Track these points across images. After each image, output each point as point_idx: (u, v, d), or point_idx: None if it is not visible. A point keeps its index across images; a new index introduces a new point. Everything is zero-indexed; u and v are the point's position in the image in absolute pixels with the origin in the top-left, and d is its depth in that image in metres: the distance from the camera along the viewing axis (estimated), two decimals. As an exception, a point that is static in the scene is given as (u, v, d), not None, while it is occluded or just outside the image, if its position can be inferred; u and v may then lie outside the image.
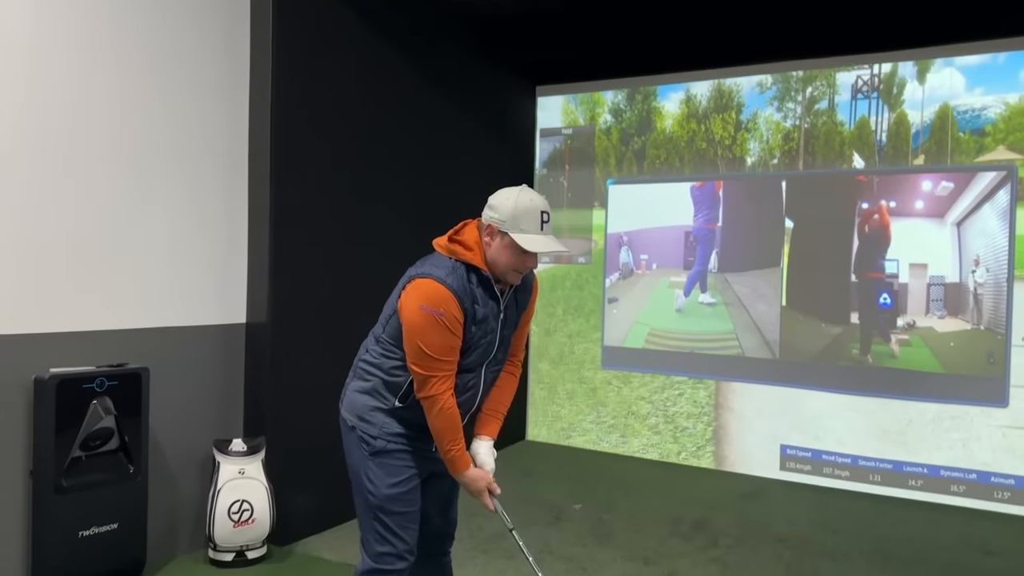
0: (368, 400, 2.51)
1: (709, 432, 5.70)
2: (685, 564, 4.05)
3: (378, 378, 2.50)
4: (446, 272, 2.36)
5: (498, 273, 2.43)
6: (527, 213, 2.37)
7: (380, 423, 2.48)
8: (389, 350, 2.47)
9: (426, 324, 2.32)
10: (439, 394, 2.37)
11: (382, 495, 2.47)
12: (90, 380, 3.45)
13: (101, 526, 3.49)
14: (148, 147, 3.81)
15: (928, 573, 3.93)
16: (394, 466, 2.48)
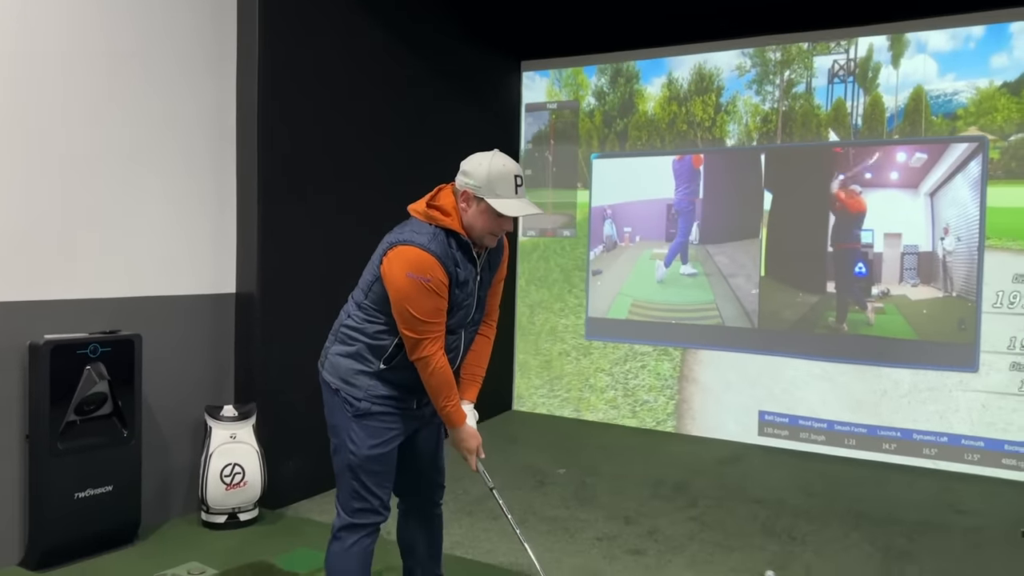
0: (352, 364, 2.59)
1: (671, 406, 5.84)
2: (665, 523, 4.19)
3: (362, 342, 2.57)
4: (428, 239, 2.43)
5: (475, 237, 2.51)
6: (501, 178, 2.44)
7: (365, 386, 2.56)
8: (372, 315, 2.55)
9: (414, 290, 2.40)
10: (431, 355, 2.46)
11: (363, 455, 2.55)
12: (84, 346, 3.54)
13: (96, 488, 3.59)
14: (139, 120, 3.87)
15: (900, 531, 4.07)
16: (377, 428, 2.57)
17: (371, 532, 2.61)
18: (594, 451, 5.49)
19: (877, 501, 4.51)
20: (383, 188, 4.95)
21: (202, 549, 3.74)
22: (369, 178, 4.91)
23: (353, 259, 3.86)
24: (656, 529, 4.10)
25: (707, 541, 3.95)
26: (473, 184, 2.44)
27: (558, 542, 3.91)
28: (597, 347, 6.27)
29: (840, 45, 5.38)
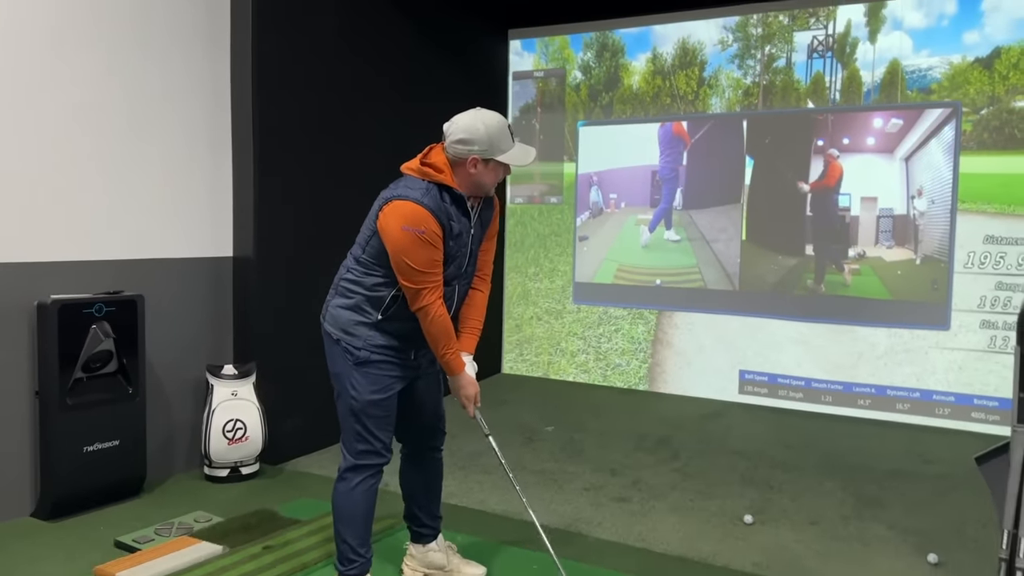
0: (352, 315, 2.74)
1: (644, 369, 6.03)
2: (648, 474, 4.38)
3: (361, 295, 2.73)
4: (421, 193, 2.58)
5: (483, 192, 2.68)
6: (500, 133, 2.61)
7: (364, 336, 2.72)
8: (371, 268, 2.70)
9: (409, 243, 2.55)
10: (430, 304, 2.61)
11: (364, 400, 2.71)
12: (89, 306, 3.67)
13: (104, 443, 3.74)
14: (138, 87, 3.99)
15: (872, 479, 4.29)
16: (376, 375, 2.72)
17: (375, 473, 2.77)
18: (582, 410, 5.68)
19: (850, 453, 4.72)
20: (375, 152, 5.06)
21: (206, 500, 3.91)
22: (361, 143, 5.02)
23: (346, 221, 3.99)
24: (640, 479, 4.30)
25: (689, 489, 4.15)
26: (478, 149, 2.58)
27: (547, 492, 4.10)
28: (570, 311, 6.45)
29: (819, 21, 5.51)
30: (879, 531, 3.62)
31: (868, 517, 3.78)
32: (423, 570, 3.09)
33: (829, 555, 3.38)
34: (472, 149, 2.58)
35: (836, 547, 3.46)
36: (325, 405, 4.70)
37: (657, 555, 3.38)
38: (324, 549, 3.29)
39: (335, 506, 2.78)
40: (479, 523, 3.65)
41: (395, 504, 3.18)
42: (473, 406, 2.84)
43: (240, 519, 3.60)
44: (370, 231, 2.69)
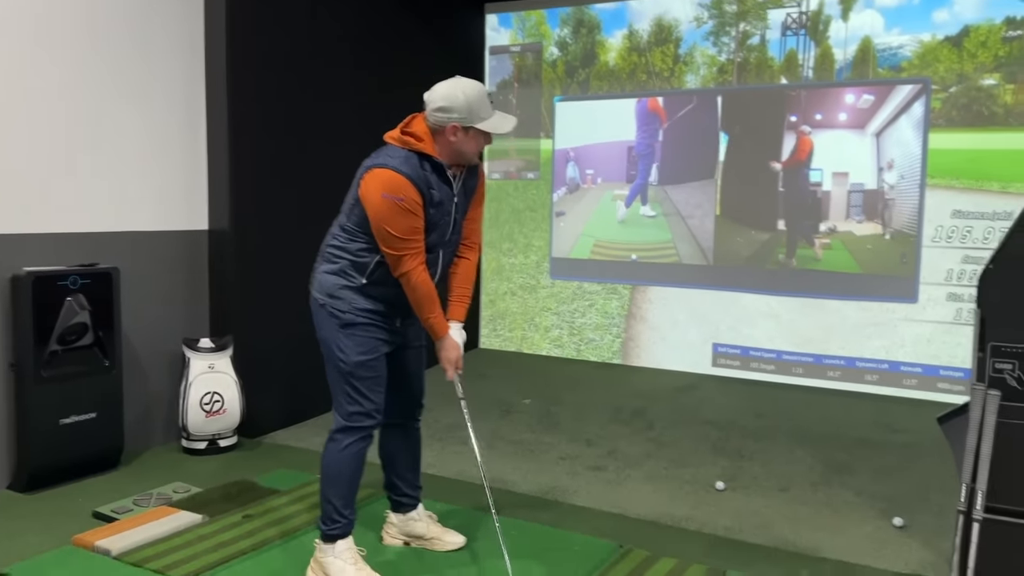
0: (337, 280, 2.77)
1: (617, 344, 6.11)
2: (623, 444, 4.46)
3: (346, 259, 2.76)
4: (400, 161, 2.61)
5: (465, 160, 2.71)
6: (479, 101, 2.64)
7: (349, 299, 2.75)
8: (355, 235, 2.73)
9: (388, 210, 2.57)
10: (412, 270, 2.64)
11: (352, 362, 2.75)
12: (64, 278, 3.65)
13: (80, 415, 3.74)
14: (115, 60, 3.94)
15: (840, 447, 4.39)
16: (362, 337, 2.76)
17: (365, 436, 2.82)
18: (557, 383, 5.74)
19: (820, 422, 4.83)
20: (352, 126, 5.06)
21: (185, 472, 3.93)
22: (338, 116, 5.01)
23: (323, 194, 3.99)
24: (616, 449, 4.37)
25: (663, 458, 4.23)
26: (457, 116, 2.61)
27: (524, 462, 4.16)
28: (544, 286, 6.50)
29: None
30: (847, 497, 3.72)
31: (836, 483, 3.88)
32: (403, 538, 3.14)
33: (799, 519, 3.47)
34: (452, 117, 2.61)
35: (806, 512, 3.55)
36: (303, 379, 4.74)
37: (632, 520, 3.45)
38: (304, 517, 3.32)
39: (323, 466, 2.82)
40: (457, 492, 3.70)
41: (374, 474, 3.22)
42: (453, 370, 2.87)
43: (219, 489, 3.62)
44: (353, 199, 2.71)
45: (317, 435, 4.55)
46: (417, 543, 3.12)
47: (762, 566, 3.02)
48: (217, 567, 2.88)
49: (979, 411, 1.73)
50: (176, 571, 2.83)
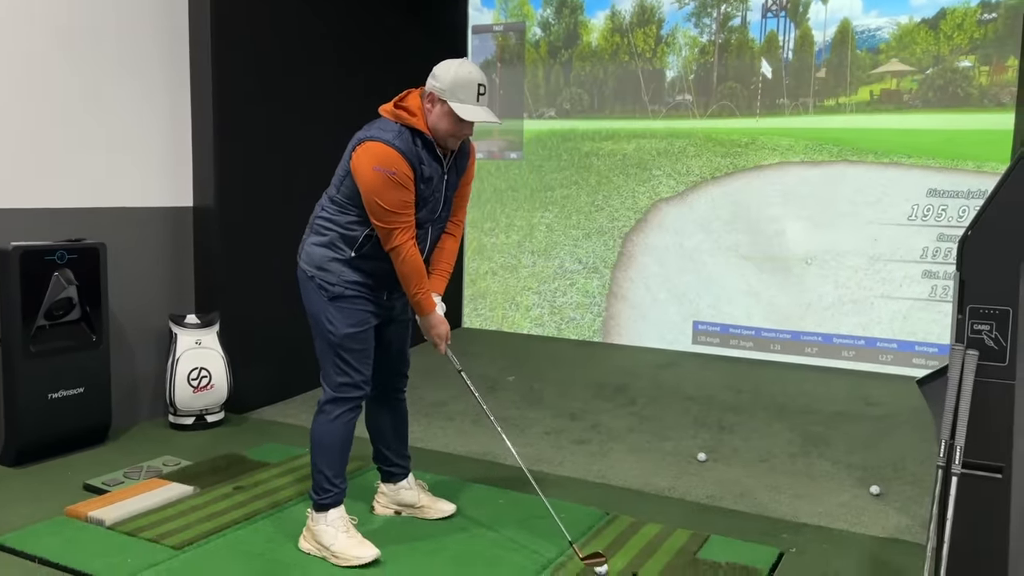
0: (326, 252, 2.80)
1: (598, 323, 6.19)
2: (607, 418, 4.53)
3: (335, 232, 2.78)
4: (393, 135, 2.63)
5: (438, 139, 2.70)
6: (466, 84, 2.64)
7: (337, 272, 2.78)
8: (345, 207, 2.75)
9: (380, 183, 2.60)
10: (402, 244, 2.67)
11: (340, 334, 2.79)
12: (51, 253, 3.65)
13: (68, 389, 3.74)
14: (99, 36, 3.92)
15: (817, 420, 4.50)
16: (351, 310, 2.80)
17: (353, 408, 2.85)
18: (540, 361, 5.81)
19: (798, 397, 4.94)
20: (337, 100, 5.06)
21: (173, 446, 3.95)
22: (322, 93, 5.00)
23: (308, 170, 4.01)
24: (599, 423, 4.44)
25: (645, 431, 4.31)
26: (439, 87, 2.63)
27: (510, 436, 4.17)
28: (526, 266, 6.55)
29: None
30: (825, 467, 3.82)
31: (815, 455, 3.98)
32: (394, 507, 3.19)
33: (779, 488, 3.56)
34: (435, 85, 2.65)
35: (785, 481, 3.64)
36: (290, 355, 4.76)
37: (616, 489, 3.53)
38: (295, 489, 3.37)
39: (313, 437, 2.85)
40: (445, 464, 3.76)
41: (362, 447, 3.27)
42: (444, 344, 2.92)
43: (209, 462, 3.65)
44: (344, 171, 2.73)
45: (304, 411, 4.59)
46: (408, 512, 3.17)
47: (743, 531, 3.11)
48: (211, 536, 2.92)
49: (958, 370, 1.81)
50: (170, 540, 2.87)
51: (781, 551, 2.93)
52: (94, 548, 2.81)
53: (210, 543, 2.87)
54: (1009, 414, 1.85)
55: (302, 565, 2.73)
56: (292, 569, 2.70)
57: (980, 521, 1.93)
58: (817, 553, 2.94)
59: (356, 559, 2.75)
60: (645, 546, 2.90)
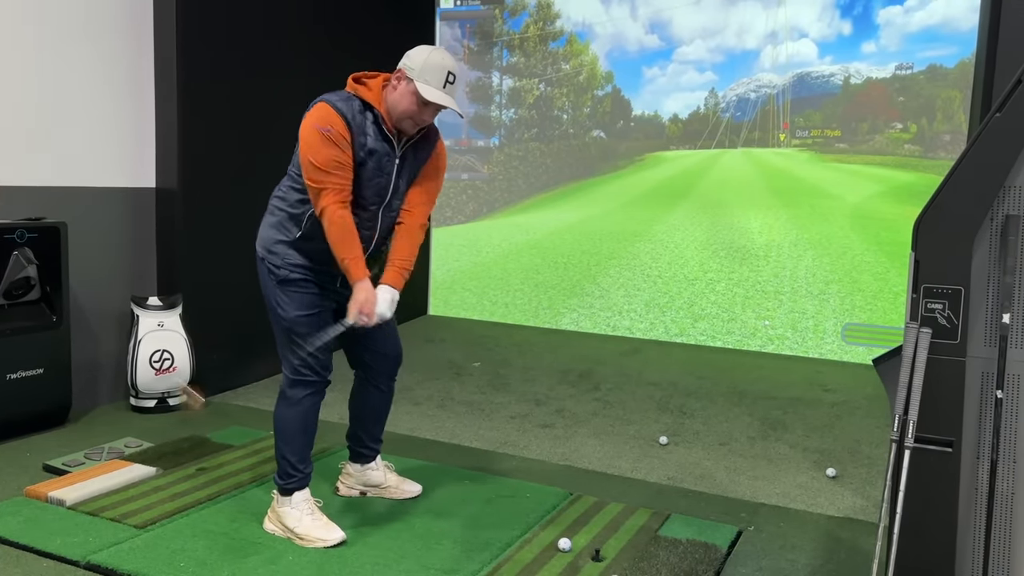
0: (274, 233, 2.78)
1: (564, 311, 6.26)
2: (571, 403, 4.59)
3: (284, 212, 2.77)
4: (339, 99, 2.64)
5: (395, 118, 2.67)
6: (436, 68, 2.64)
7: (283, 254, 2.76)
8: (295, 181, 2.73)
9: (315, 139, 2.58)
10: (328, 205, 2.61)
11: (290, 318, 2.76)
12: (11, 231, 3.59)
13: (27, 371, 3.69)
14: (59, 12, 3.85)
15: (776, 405, 4.59)
16: (298, 294, 2.77)
17: (314, 392, 2.83)
18: (506, 348, 5.84)
19: (757, 383, 5.03)
20: (304, 82, 4.99)
21: (135, 428, 3.92)
22: (288, 73, 4.95)
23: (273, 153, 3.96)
24: (563, 408, 4.49)
25: (609, 416, 4.37)
26: (409, 65, 2.64)
27: (476, 420, 4.25)
28: (492, 255, 6.58)
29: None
30: (783, 450, 3.91)
31: (773, 438, 4.07)
32: (359, 488, 3.20)
33: (738, 470, 3.64)
34: (406, 64, 2.66)
35: (744, 463, 3.72)
36: (253, 340, 4.73)
37: (580, 471, 3.58)
38: (258, 471, 3.36)
39: (276, 423, 2.84)
40: (411, 447, 3.78)
41: (331, 432, 3.28)
42: (356, 314, 2.68)
43: (172, 444, 3.63)
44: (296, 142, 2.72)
45: (268, 395, 4.57)
46: (373, 492, 3.18)
47: (703, 511, 3.17)
48: (174, 516, 2.91)
49: (912, 348, 1.88)
50: (132, 520, 2.85)
51: (740, 529, 3.01)
52: (54, 527, 2.78)
53: (173, 522, 2.85)
54: (960, 390, 1.93)
55: (267, 543, 2.73)
56: (257, 547, 2.70)
57: (931, 495, 2.01)
58: (774, 531, 3.02)
59: (321, 541, 2.75)
60: (608, 524, 2.96)
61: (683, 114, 5.94)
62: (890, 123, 5.39)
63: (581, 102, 6.27)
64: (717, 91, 5.81)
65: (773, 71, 5.63)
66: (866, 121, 5.44)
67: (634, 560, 2.69)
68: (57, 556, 2.61)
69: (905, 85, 5.31)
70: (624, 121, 6.16)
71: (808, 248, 5.65)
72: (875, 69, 5.37)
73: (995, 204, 1.90)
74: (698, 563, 2.67)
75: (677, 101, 5.95)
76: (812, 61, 5.51)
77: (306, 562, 2.61)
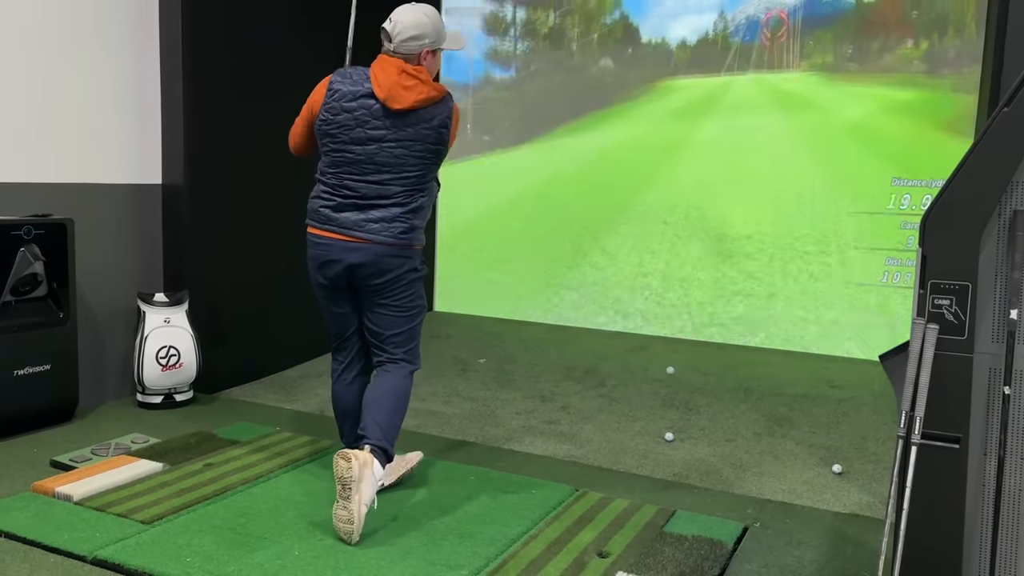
0: (421, 229, 2.98)
1: (569, 307, 6.25)
2: (577, 399, 4.58)
3: (428, 207, 3.00)
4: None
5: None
6: (440, 21, 2.84)
7: (422, 246, 3.00)
8: (430, 172, 2.98)
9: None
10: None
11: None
12: (17, 228, 3.60)
13: (34, 367, 3.70)
14: (65, 6, 3.86)
15: (782, 402, 4.59)
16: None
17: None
18: (512, 345, 5.84)
19: (763, 379, 5.02)
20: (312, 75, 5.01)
21: (141, 424, 3.93)
22: (296, 68, 4.94)
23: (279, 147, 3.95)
24: (569, 405, 4.49)
25: (614, 412, 4.37)
26: (428, 41, 2.80)
27: (480, 416, 4.26)
28: (497, 251, 6.57)
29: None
30: (789, 446, 3.91)
31: (779, 435, 4.07)
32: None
33: (744, 467, 3.63)
34: (424, 43, 2.73)
35: (750, 460, 3.72)
36: (259, 336, 4.75)
37: (586, 467, 3.58)
38: (265, 466, 3.36)
39: (400, 399, 2.98)
40: (416, 443, 3.77)
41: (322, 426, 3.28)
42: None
43: (178, 440, 3.64)
44: None
45: (274, 392, 4.58)
46: (389, 480, 3.15)
47: (709, 507, 3.17)
48: (181, 511, 2.91)
49: (919, 344, 1.87)
50: (138, 515, 2.86)
51: (746, 525, 3.00)
52: (61, 522, 2.79)
53: (180, 518, 2.86)
54: (967, 386, 1.92)
55: (274, 539, 2.74)
56: (263, 542, 2.71)
57: (938, 491, 2.00)
58: (780, 528, 3.02)
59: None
60: (613, 520, 2.95)
61: (691, 39, 5.86)
62: (902, 40, 5.34)
63: (591, 30, 6.17)
64: (726, 13, 5.75)
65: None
66: (877, 39, 5.40)
67: (639, 556, 2.68)
68: (64, 551, 2.62)
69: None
70: (633, 48, 6.06)
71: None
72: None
73: (1003, 199, 1.89)
74: (704, 559, 2.67)
75: (685, 25, 5.88)
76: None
77: (312, 557, 2.62)
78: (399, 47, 2.73)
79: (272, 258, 4.75)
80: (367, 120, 2.79)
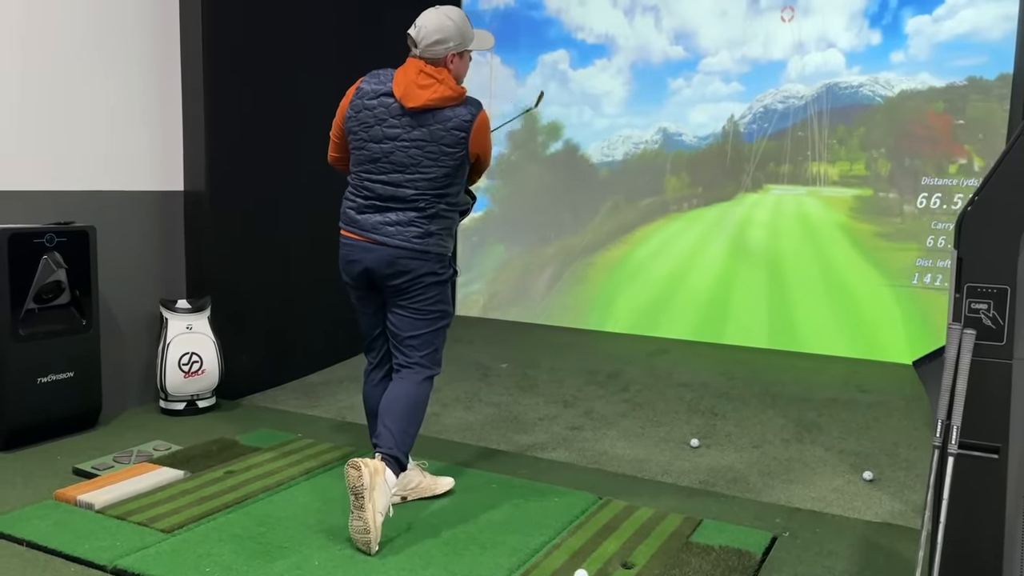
0: (448, 236, 2.99)
1: (590, 311, 6.19)
2: (600, 405, 4.53)
3: (455, 215, 2.99)
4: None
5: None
6: (466, 22, 2.81)
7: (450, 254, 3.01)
8: (458, 181, 2.96)
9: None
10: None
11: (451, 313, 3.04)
12: (40, 236, 3.61)
13: (58, 374, 3.71)
14: (87, 16, 3.88)
15: (810, 407, 4.50)
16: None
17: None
18: (534, 348, 5.79)
19: (791, 384, 4.93)
20: (330, 81, 4.99)
21: (164, 431, 3.93)
22: (318, 72, 4.94)
23: (302, 153, 3.96)
24: (592, 410, 4.44)
25: (638, 418, 4.30)
26: (453, 45, 2.76)
27: (503, 422, 4.21)
28: (520, 256, 6.53)
29: None
30: (818, 452, 3.82)
31: (808, 440, 3.98)
32: (400, 493, 3.13)
33: (772, 473, 3.56)
34: (448, 47, 2.71)
35: (778, 466, 3.64)
36: (281, 343, 4.74)
37: (609, 474, 3.52)
38: (287, 473, 3.34)
39: (417, 405, 2.95)
40: (437, 450, 3.74)
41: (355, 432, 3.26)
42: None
43: (200, 447, 3.63)
44: None
45: (296, 397, 4.57)
46: (413, 495, 3.11)
47: (737, 516, 3.10)
48: (201, 520, 2.89)
49: (955, 350, 1.80)
50: (160, 524, 2.85)
51: (774, 535, 2.93)
52: (83, 531, 2.78)
53: (201, 526, 2.84)
54: (1006, 393, 1.84)
55: (294, 548, 2.71)
56: (284, 552, 2.68)
57: (976, 503, 1.93)
58: (810, 537, 2.94)
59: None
60: (638, 530, 2.90)
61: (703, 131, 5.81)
62: (952, 157, 5.11)
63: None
64: (743, 102, 5.68)
65: (800, 81, 5.50)
66: (919, 157, 5.24)
67: (665, 567, 2.62)
68: (84, 560, 2.61)
69: (950, 101, 5.09)
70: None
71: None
72: (904, 80, 5.23)
73: (1043, 199, 1.82)
74: (732, 570, 2.61)
75: (703, 112, 5.84)
76: (840, 71, 5.38)
77: (332, 567, 2.59)
78: (424, 52, 2.72)
79: (294, 264, 4.75)
80: (385, 118, 2.79)
